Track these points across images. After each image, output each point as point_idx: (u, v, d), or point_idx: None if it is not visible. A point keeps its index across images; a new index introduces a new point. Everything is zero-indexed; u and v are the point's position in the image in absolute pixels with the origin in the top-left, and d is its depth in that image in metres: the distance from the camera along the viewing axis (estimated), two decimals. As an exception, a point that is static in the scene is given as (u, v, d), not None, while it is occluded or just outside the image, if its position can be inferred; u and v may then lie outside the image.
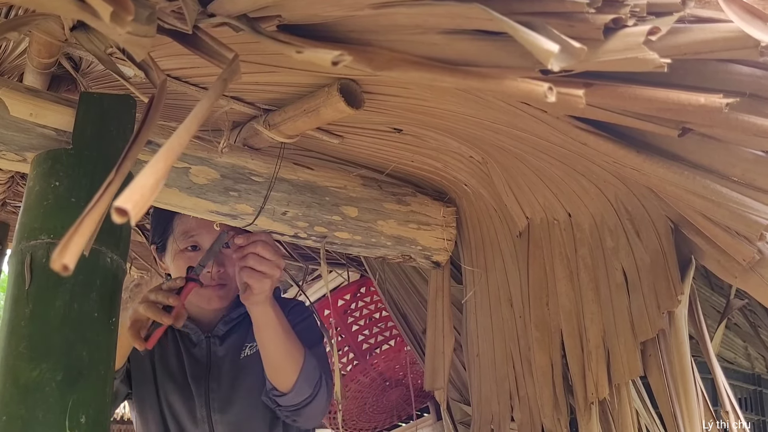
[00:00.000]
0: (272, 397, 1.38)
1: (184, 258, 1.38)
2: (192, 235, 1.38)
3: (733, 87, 0.71)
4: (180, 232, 1.39)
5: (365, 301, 2.22)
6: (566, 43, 0.58)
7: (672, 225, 1.10)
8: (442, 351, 1.44)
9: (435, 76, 0.66)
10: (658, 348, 1.12)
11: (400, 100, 1.04)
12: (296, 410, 1.37)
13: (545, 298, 1.30)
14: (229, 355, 1.48)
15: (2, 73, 1.17)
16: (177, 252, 1.39)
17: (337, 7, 0.67)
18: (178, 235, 1.39)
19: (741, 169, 0.86)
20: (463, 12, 0.61)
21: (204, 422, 1.45)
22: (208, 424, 1.44)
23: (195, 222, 1.36)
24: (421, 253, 1.40)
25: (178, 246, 1.39)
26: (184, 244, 1.38)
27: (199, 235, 1.38)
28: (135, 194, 0.47)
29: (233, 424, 1.44)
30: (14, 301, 0.83)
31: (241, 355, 1.49)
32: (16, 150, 0.96)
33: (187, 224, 1.38)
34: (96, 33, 0.88)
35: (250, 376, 1.45)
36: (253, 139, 1.20)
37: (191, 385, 1.46)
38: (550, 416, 1.26)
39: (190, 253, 1.38)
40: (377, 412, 2.43)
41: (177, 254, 1.39)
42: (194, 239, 1.38)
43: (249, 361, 1.47)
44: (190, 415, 1.45)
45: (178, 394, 1.46)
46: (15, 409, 0.77)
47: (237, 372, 1.47)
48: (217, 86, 0.68)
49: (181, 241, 1.38)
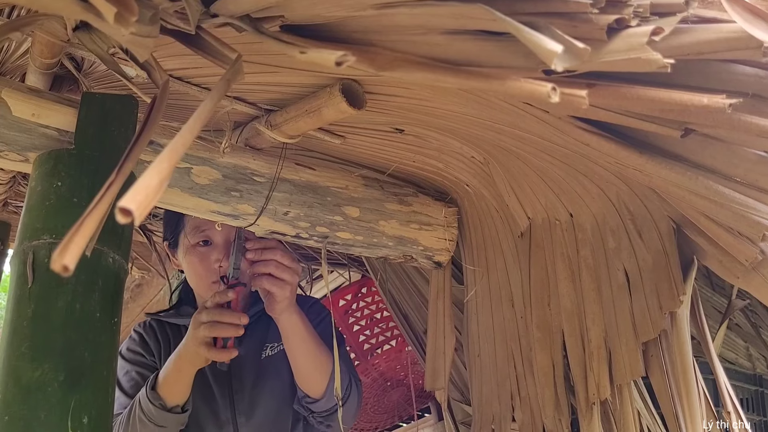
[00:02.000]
0: (305, 404, 1.37)
1: (197, 253, 1.37)
2: (203, 229, 1.36)
3: (736, 87, 0.71)
4: (191, 227, 1.38)
5: (366, 301, 2.22)
6: (569, 44, 0.58)
7: (674, 225, 1.10)
8: (443, 351, 1.44)
9: (438, 76, 0.66)
10: (659, 348, 1.12)
11: (401, 101, 1.04)
12: (329, 415, 1.36)
13: (547, 298, 1.30)
14: (249, 355, 1.46)
15: (5, 73, 1.17)
16: (189, 247, 1.38)
17: (340, 8, 0.67)
18: (190, 231, 1.38)
19: (744, 169, 0.85)
20: (465, 12, 0.61)
21: (229, 424, 1.41)
22: (233, 425, 1.41)
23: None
24: (422, 254, 1.40)
25: (189, 241, 1.38)
26: (196, 239, 1.37)
27: (210, 230, 1.36)
28: (139, 194, 0.47)
29: (258, 426, 1.42)
30: (16, 302, 0.83)
31: (262, 355, 1.47)
32: (19, 150, 0.96)
33: (197, 219, 1.36)
34: (99, 33, 0.88)
35: (272, 377, 1.44)
36: (255, 140, 1.20)
37: (213, 387, 1.43)
38: (551, 416, 1.26)
39: (202, 248, 1.37)
40: (378, 412, 2.43)
41: (189, 249, 1.38)
42: (205, 233, 1.37)
43: (270, 361, 1.45)
44: (214, 418, 1.41)
45: (200, 396, 1.41)
46: (17, 410, 0.77)
47: (259, 372, 1.45)
48: (221, 87, 0.68)
49: (193, 236, 1.37)
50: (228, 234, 1.35)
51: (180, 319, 1.50)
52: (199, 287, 1.41)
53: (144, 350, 1.46)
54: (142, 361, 1.44)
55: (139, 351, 1.46)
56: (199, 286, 1.41)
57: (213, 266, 1.35)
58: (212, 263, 1.35)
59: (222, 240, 1.36)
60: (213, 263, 1.35)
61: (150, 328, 1.51)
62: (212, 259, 1.36)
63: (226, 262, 1.33)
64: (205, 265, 1.36)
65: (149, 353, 1.46)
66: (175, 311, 1.54)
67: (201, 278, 1.38)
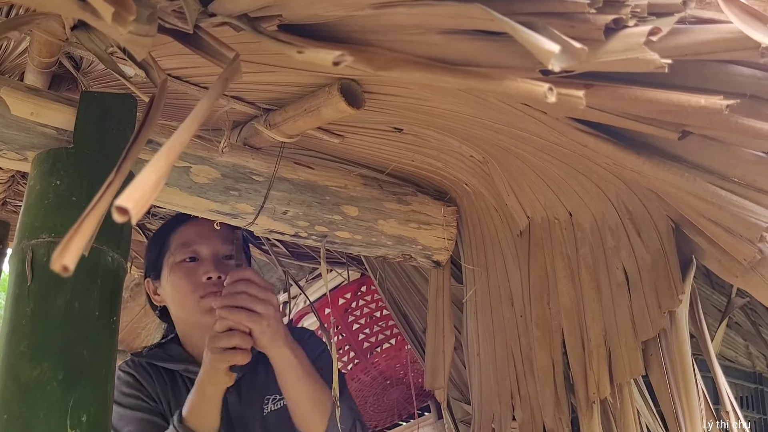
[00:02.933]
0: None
1: (183, 269, 1.30)
2: (190, 245, 1.31)
3: (733, 88, 0.71)
4: (178, 245, 1.32)
5: (366, 300, 2.22)
6: (567, 44, 0.57)
7: (673, 224, 1.10)
8: (442, 350, 1.44)
9: (435, 76, 0.66)
10: (659, 347, 1.12)
11: (400, 100, 1.04)
12: None
13: (546, 297, 1.30)
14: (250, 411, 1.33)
15: (3, 72, 1.17)
16: (174, 265, 1.31)
17: (338, 7, 0.67)
18: (176, 248, 1.32)
19: (741, 170, 0.85)
20: (463, 12, 0.61)
21: None
22: None
23: (194, 232, 1.32)
24: (421, 253, 1.40)
25: (174, 259, 1.31)
26: (182, 255, 1.31)
27: (197, 245, 1.31)
28: (136, 193, 0.47)
29: None
30: (15, 300, 0.83)
31: (264, 410, 1.34)
32: (17, 149, 0.96)
33: (185, 236, 1.32)
34: (97, 32, 0.88)
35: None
36: (254, 139, 1.20)
37: None
38: (551, 415, 1.26)
39: (189, 264, 1.31)
40: (378, 410, 2.43)
41: (174, 267, 1.31)
42: (193, 249, 1.31)
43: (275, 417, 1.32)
44: None
45: None
46: (16, 408, 0.77)
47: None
48: (218, 86, 0.68)
49: (179, 253, 1.31)
50: (216, 248, 1.31)
51: (173, 364, 1.35)
52: (185, 306, 1.31)
53: (142, 393, 1.31)
54: (144, 406, 1.29)
55: (136, 395, 1.30)
56: (184, 305, 1.31)
57: (201, 280, 1.28)
58: (200, 277, 1.29)
59: (209, 254, 1.31)
60: (201, 277, 1.28)
61: (141, 368, 1.36)
62: (200, 273, 1.29)
63: (215, 273, 1.27)
64: (191, 279, 1.29)
65: (149, 397, 1.31)
66: (163, 352, 1.38)
67: (187, 295, 1.29)
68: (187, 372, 1.33)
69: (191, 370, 1.31)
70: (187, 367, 1.33)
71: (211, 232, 1.29)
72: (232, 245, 1.31)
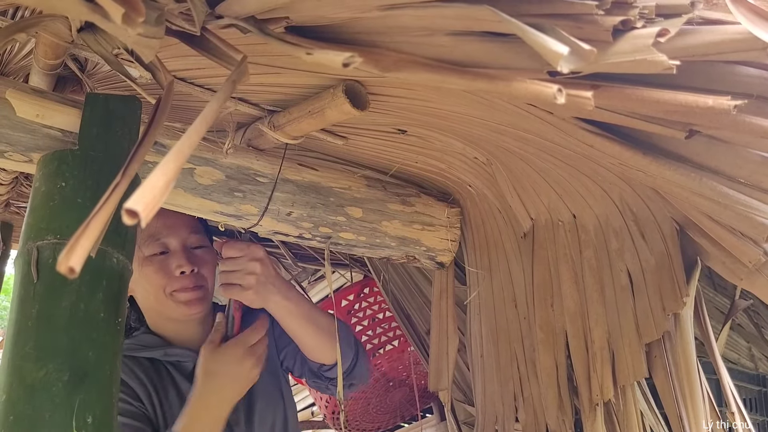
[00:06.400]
0: (322, 374, 1.36)
1: (155, 263, 1.27)
2: (158, 238, 1.28)
3: (740, 89, 0.71)
4: (145, 237, 1.27)
5: (369, 301, 2.22)
6: (575, 45, 0.58)
7: (677, 227, 1.10)
8: (446, 352, 1.44)
9: (443, 77, 0.66)
10: (663, 349, 1.12)
11: (404, 102, 1.04)
12: (347, 375, 1.36)
13: (550, 299, 1.30)
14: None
15: (8, 74, 1.17)
16: (143, 259, 1.26)
17: (345, 9, 0.67)
18: (144, 241, 1.27)
19: (748, 170, 0.86)
20: (471, 13, 0.61)
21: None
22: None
23: (161, 223, 1.28)
24: (425, 254, 1.40)
25: (143, 253, 1.27)
26: (152, 249, 1.27)
27: (166, 237, 1.28)
28: (146, 196, 0.47)
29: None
30: (21, 302, 0.83)
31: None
32: (22, 151, 0.96)
33: (151, 228, 1.27)
34: (103, 34, 0.88)
35: (260, 399, 1.35)
36: (258, 140, 1.20)
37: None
38: (554, 417, 1.26)
39: (160, 257, 1.27)
40: (381, 412, 2.42)
41: (145, 261, 1.26)
42: (162, 242, 1.28)
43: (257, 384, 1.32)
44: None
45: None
46: (22, 409, 0.77)
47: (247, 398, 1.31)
48: (226, 88, 0.68)
49: (148, 246, 1.27)
50: (184, 239, 1.29)
51: (151, 352, 1.32)
52: (159, 299, 1.28)
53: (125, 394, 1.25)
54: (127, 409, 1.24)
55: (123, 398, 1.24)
56: (159, 299, 1.28)
57: (174, 274, 1.26)
58: (173, 270, 1.26)
59: (179, 246, 1.29)
60: (174, 271, 1.26)
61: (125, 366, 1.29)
62: (173, 267, 1.26)
63: (188, 268, 1.26)
64: (164, 273, 1.26)
65: (132, 396, 1.26)
66: (137, 343, 1.34)
67: (159, 289, 1.27)
68: (166, 356, 1.31)
69: (170, 353, 1.32)
70: (165, 351, 1.32)
71: (178, 222, 1.29)
72: (199, 234, 1.32)
